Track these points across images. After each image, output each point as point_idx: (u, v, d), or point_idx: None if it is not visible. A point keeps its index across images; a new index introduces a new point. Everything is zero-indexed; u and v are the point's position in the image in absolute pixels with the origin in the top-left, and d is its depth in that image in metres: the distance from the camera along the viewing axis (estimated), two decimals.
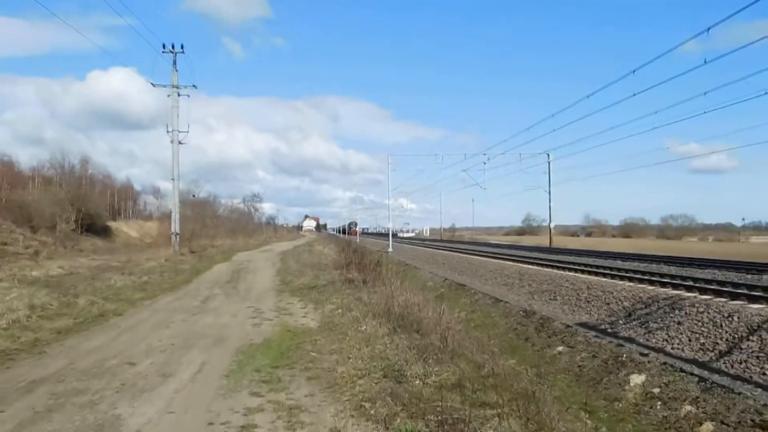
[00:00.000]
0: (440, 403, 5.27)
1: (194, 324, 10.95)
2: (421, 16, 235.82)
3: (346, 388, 6.34)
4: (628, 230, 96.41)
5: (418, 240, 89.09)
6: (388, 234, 61.62)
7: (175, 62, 31.01)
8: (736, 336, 10.79)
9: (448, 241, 75.07)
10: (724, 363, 10.31)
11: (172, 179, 32.11)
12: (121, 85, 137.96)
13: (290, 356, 8.04)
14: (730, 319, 11.33)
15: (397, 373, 6.68)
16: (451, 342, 8.51)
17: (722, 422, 7.61)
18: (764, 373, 9.47)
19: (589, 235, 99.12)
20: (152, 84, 31.48)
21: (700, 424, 7.76)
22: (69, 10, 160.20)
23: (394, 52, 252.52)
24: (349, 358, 7.69)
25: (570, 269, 22.30)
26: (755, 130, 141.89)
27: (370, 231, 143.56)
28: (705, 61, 19.36)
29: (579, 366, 11.26)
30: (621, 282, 17.41)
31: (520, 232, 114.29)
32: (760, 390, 8.63)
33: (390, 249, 49.42)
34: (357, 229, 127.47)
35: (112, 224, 60.82)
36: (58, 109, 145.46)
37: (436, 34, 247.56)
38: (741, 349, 10.40)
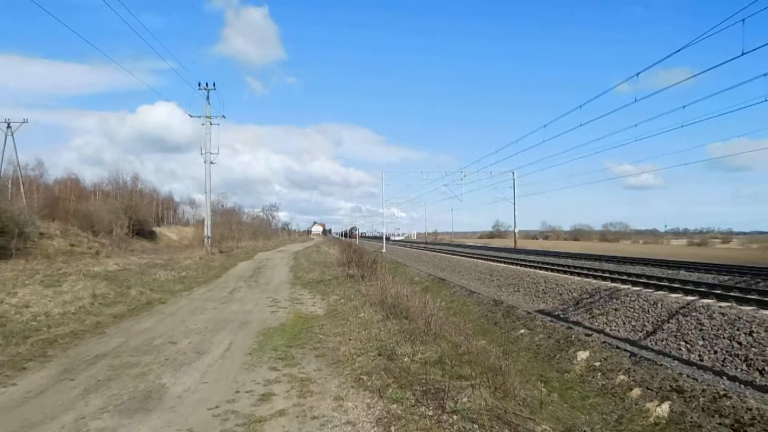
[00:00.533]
0: (425, 376, 5.31)
1: (223, 311, 10.94)
2: (408, 54, 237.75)
3: (347, 364, 6.38)
4: (576, 234, 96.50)
5: (407, 242, 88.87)
6: (382, 237, 61.51)
7: (208, 97, 31.04)
8: (660, 319, 10.90)
9: (431, 244, 74.98)
10: (650, 341, 10.41)
11: (205, 192, 32.09)
12: (165, 116, 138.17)
13: (301, 338, 8.05)
14: (655, 306, 11.44)
15: (390, 351, 6.71)
16: (433, 326, 8.51)
17: (647, 388, 7.71)
18: (680, 349, 9.59)
19: (546, 238, 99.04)
20: (190, 115, 31.51)
21: (631, 389, 7.84)
22: (125, 56, 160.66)
23: (386, 88, 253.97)
24: (350, 339, 7.72)
25: (531, 266, 22.28)
26: (675, 155, 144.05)
27: (367, 235, 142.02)
28: (636, 99, 19.61)
29: (537, 345, 11.31)
30: (571, 276, 17.47)
31: (491, 235, 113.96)
32: (676, 362, 8.77)
33: (384, 250, 49.34)
34: (357, 233, 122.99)
35: (156, 229, 60.45)
36: (114, 137, 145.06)
37: (421, 72, 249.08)
38: (663, 329, 10.50)
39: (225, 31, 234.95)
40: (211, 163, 31.24)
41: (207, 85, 30.88)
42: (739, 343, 8.75)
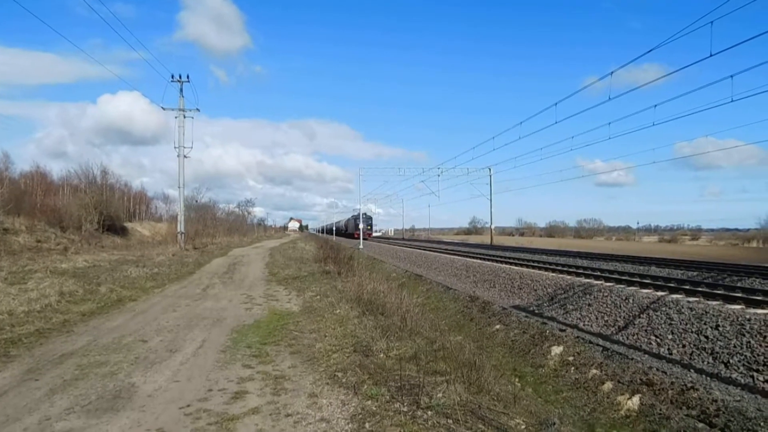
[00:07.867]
0: (400, 372, 5.32)
1: (196, 308, 10.76)
2: (383, 51, 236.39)
3: (322, 360, 6.36)
4: (551, 231, 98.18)
5: (385, 239, 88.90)
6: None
7: (181, 90, 30.35)
8: (631, 314, 11.18)
9: (408, 240, 75.19)
10: (622, 335, 10.68)
11: (179, 187, 31.36)
12: (128, 106, 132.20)
13: (276, 335, 7.98)
14: (626, 301, 11.72)
15: (365, 348, 6.73)
16: (409, 322, 8.57)
17: (619, 381, 7.92)
18: (650, 343, 9.87)
19: (522, 234, 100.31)
20: (162, 108, 30.72)
21: (603, 383, 8.04)
22: (95, 45, 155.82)
23: (359, 83, 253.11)
24: (326, 336, 7.70)
25: (506, 262, 22.52)
26: (646, 153, 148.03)
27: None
28: (609, 98, 19.98)
29: (512, 340, 11.46)
30: (546, 272, 17.71)
31: (467, 232, 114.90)
32: (647, 356, 9.02)
33: (361, 246, 49.30)
34: (366, 227, 70.91)
35: (128, 225, 58.84)
36: (77, 128, 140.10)
37: (398, 70, 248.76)
38: (634, 324, 10.78)
39: (182, 15, 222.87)
40: (185, 157, 30.65)
41: (180, 77, 30.18)
42: (706, 337, 9.05)
